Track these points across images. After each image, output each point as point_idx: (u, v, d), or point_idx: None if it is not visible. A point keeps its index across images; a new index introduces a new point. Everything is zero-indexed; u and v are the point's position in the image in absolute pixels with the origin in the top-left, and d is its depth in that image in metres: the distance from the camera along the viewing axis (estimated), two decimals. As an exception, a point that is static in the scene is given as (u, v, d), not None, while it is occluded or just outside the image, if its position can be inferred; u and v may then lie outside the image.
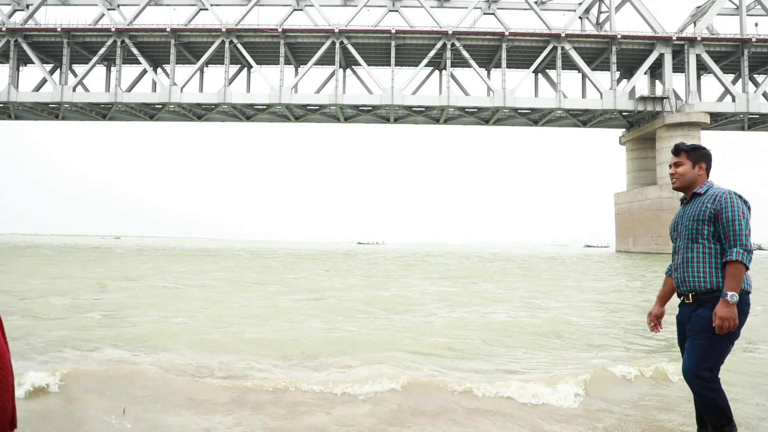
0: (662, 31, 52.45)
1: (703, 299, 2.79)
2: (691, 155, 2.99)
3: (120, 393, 3.95)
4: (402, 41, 53.40)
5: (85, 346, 5.69)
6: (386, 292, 12.22)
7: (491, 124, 60.44)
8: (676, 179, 3.02)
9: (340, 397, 3.96)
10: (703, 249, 2.81)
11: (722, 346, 2.74)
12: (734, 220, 2.74)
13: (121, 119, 62.02)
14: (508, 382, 4.21)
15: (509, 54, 53.80)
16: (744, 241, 2.70)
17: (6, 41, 53.40)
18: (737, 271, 2.69)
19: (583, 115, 57.36)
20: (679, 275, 2.92)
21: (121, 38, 53.35)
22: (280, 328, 7.05)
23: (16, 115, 59.53)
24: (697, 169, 2.97)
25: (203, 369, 4.78)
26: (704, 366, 2.75)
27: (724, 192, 2.82)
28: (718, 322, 2.65)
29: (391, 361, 5.10)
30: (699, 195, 2.92)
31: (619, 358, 5.39)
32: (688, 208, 2.95)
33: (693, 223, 2.85)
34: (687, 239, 2.88)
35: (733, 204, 2.77)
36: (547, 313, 9.12)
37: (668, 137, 52.31)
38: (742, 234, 2.72)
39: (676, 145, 3.06)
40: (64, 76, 54.19)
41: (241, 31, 53.34)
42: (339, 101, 53.48)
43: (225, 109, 57.28)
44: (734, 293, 2.66)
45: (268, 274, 18.61)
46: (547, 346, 6.16)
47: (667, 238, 50.91)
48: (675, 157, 3.04)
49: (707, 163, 3.00)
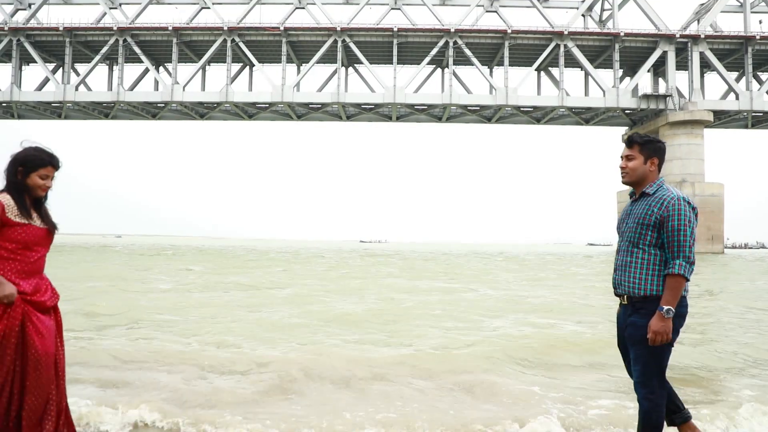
0: (666, 29, 52.25)
1: (638, 305, 2.73)
2: (644, 149, 2.83)
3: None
4: (404, 39, 53.30)
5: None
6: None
7: (493, 123, 60.31)
8: (626, 174, 2.85)
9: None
10: (643, 255, 2.73)
11: (662, 353, 2.72)
12: (680, 230, 2.64)
13: (124, 118, 62.10)
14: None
15: (512, 52, 53.63)
16: (687, 253, 2.63)
17: (8, 40, 53.44)
18: (677, 284, 2.63)
19: (585, 113, 57.20)
20: (617, 277, 2.86)
21: (123, 37, 53.35)
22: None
23: (19, 115, 59.61)
24: (649, 165, 2.82)
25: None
26: (649, 373, 2.73)
27: (673, 197, 2.69)
28: (651, 335, 2.62)
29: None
30: (647, 195, 2.79)
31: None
32: (635, 208, 2.83)
33: (637, 226, 2.75)
34: (629, 242, 2.79)
35: (680, 212, 2.66)
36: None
37: (671, 135, 52.11)
38: (686, 245, 2.64)
39: (630, 136, 2.88)
40: (66, 75, 54.25)
41: (243, 29, 53.29)
42: (341, 100, 53.42)
43: (227, 107, 57.28)
44: (671, 308, 2.61)
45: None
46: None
47: (670, 236, 50.75)
48: (627, 150, 2.87)
49: (660, 158, 2.85)
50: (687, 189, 50.07)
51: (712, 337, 6.98)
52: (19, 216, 2.55)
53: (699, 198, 49.70)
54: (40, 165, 2.60)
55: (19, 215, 2.55)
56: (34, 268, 2.61)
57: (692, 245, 2.65)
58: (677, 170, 51.38)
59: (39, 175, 2.60)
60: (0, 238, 2.51)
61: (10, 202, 2.54)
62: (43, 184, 2.63)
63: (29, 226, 2.57)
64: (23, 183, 2.59)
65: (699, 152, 51.85)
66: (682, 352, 5.48)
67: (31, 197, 2.63)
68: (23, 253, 2.55)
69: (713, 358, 5.67)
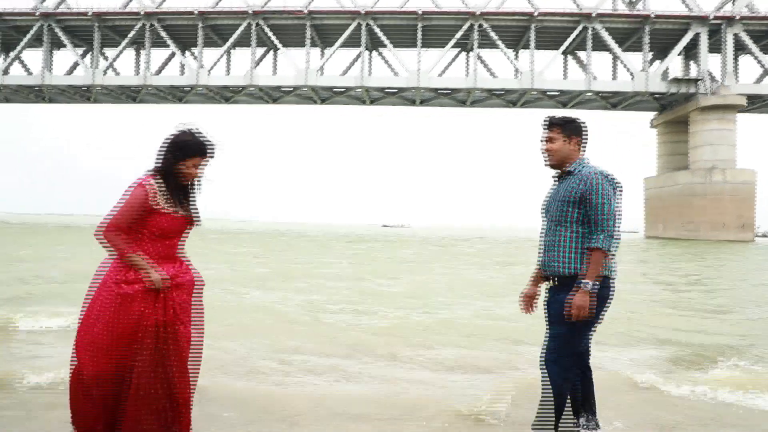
0: (698, 10, 50.70)
1: (566, 284, 2.68)
2: (564, 129, 2.78)
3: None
4: (428, 22, 52.76)
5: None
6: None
7: (518, 107, 59.58)
8: (549, 156, 2.81)
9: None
10: (569, 233, 2.70)
11: (581, 333, 2.69)
12: (601, 204, 2.61)
13: (151, 102, 62.97)
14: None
15: (538, 35, 52.67)
16: (608, 227, 2.59)
17: (40, 25, 54.47)
18: (598, 258, 2.59)
19: (613, 97, 56.07)
20: (544, 258, 2.81)
21: (150, 21, 53.91)
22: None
23: (50, 98, 60.93)
24: (570, 145, 2.77)
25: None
26: (564, 353, 2.69)
27: (593, 172, 2.67)
28: (573, 310, 2.57)
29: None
30: (571, 174, 2.76)
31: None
32: (559, 188, 2.79)
33: (561, 204, 2.72)
34: (554, 222, 2.76)
35: (600, 186, 2.63)
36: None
37: (702, 120, 50.87)
38: (607, 219, 2.60)
39: (548, 117, 2.83)
40: (95, 59, 55.19)
41: (267, 13, 53.36)
42: (365, 83, 53.29)
43: (252, 91, 57.61)
44: (592, 282, 2.57)
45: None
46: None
47: (698, 223, 49.89)
48: (547, 132, 2.81)
49: (581, 137, 2.80)
50: (717, 176, 48.97)
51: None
52: (165, 203, 2.53)
53: (730, 185, 48.58)
54: (190, 154, 2.53)
55: (165, 202, 2.53)
56: (173, 252, 2.61)
57: (613, 220, 2.60)
58: (707, 156, 50.21)
59: (189, 164, 2.54)
60: (141, 224, 2.52)
61: (156, 189, 2.52)
62: (190, 173, 2.56)
63: (172, 215, 2.56)
64: (173, 168, 2.54)
65: (731, 138, 50.56)
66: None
67: (178, 183, 2.59)
68: (161, 240, 2.56)
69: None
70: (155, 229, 2.53)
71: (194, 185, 2.67)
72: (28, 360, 4.33)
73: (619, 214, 2.68)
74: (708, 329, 6.70)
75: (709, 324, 7.12)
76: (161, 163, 2.56)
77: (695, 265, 18.93)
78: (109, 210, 2.50)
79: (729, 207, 48.45)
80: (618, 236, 2.63)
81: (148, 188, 2.50)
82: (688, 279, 13.72)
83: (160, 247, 2.56)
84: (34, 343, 4.94)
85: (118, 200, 2.51)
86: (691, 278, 13.95)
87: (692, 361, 4.89)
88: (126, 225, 2.49)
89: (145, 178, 2.55)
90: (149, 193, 2.50)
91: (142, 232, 2.53)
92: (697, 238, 49.02)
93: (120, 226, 2.47)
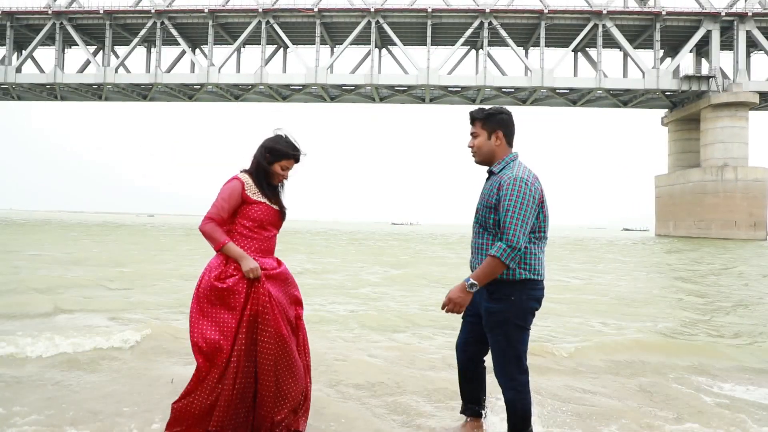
0: (710, 7, 50.34)
1: (491, 290, 2.59)
2: (486, 124, 2.66)
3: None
4: (438, 20, 52.71)
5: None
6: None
7: (528, 105, 59.39)
8: (474, 153, 2.71)
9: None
10: (491, 237, 2.61)
11: (516, 337, 2.59)
12: (506, 212, 2.47)
13: (161, 100, 63.35)
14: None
15: (548, 32, 52.50)
16: (510, 236, 2.44)
17: (52, 24, 54.92)
18: (491, 266, 2.47)
19: (624, 95, 55.80)
20: (472, 259, 2.74)
21: (161, 20, 54.22)
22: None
23: (62, 96, 61.43)
24: (493, 140, 2.65)
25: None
26: (505, 361, 2.62)
27: (509, 177, 2.53)
28: (446, 300, 2.54)
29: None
30: (494, 174, 2.65)
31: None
32: (484, 189, 2.69)
33: (483, 208, 2.64)
34: (479, 224, 2.69)
35: (511, 193, 2.48)
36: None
37: (714, 118, 50.53)
38: (511, 228, 2.45)
39: (470, 112, 2.72)
40: (106, 57, 55.58)
41: (277, 11, 53.52)
42: (374, 81, 53.33)
43: (261, 89, 57.81)
44: (475, 283, 2.48)
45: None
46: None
47: (710, 222, 49.62)
48: (471, 127, 2.72)
49: (504, 130, 2.65)
50: (729, 174, 48.63)
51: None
52: (257, 194, 2.72)
53: (742, 183, 48.23)
54: (284, 156, 2.74)
55: (257, 194, 2.72)
56: (269, 246, 2.77)
57: (520, 229, 2.45)
58: (719, 154, 49.88)
59: (281, 165, 2.76)
60: (239, 216, 2.70)
61: (249, 181, 2.72)
62: (281, 174, 2.78)
63: (265, 205, 2.73)
64: (267, 168, 2.75)
65: (743, 135, 50.20)
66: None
67: (270, 182, 2.79)
68: (259, 231, 2.72)
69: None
70: (252, 219, 2.70)
71: (283, 185, 2.88)
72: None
73: (545, 216, 2.59)
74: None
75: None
76: (256, 162, 2.77)
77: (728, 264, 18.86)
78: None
79: (741, 205, 48.12)
80: (522, 249, 2.47)
81: (243, 179, 2.72)
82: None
83: (257, 241, 2.72)
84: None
85: (216, 198, 2.69)
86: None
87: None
88: (222, 217, 2.66)
89: (237, 174, 2.77)
90: (245, 183, 2.71)
91: (239, 224, 2.70)
92: (708, 236, 48.72)
93: (215, 218, 2.65)
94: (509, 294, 2.55)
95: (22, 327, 5.30)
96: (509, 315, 2.56)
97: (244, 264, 2.60)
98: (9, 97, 62.61)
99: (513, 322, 2.57)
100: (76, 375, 3.82)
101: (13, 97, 62.09)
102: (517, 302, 2.56)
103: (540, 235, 2.60)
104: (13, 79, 55.77)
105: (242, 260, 2.61)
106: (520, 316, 2.57)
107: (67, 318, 5.97)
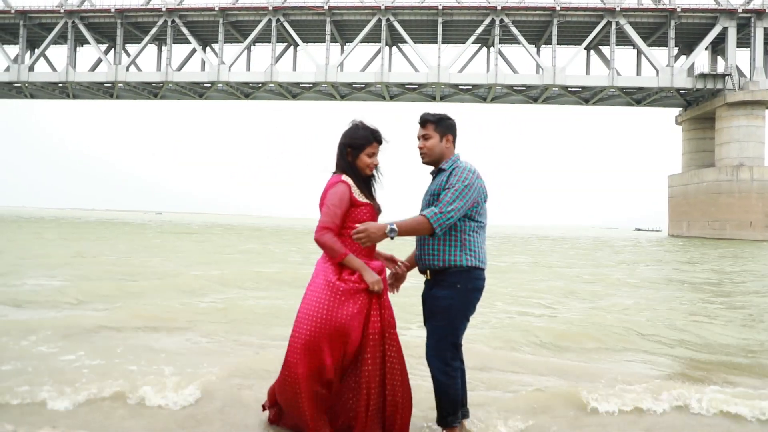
0: (726, 3, 49.53)
1: (439, 278, 2.72)
2: (438, 127, 2.80)
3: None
4: (449, 18, 52.35)
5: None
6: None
7: (540, 103, 58.86)
8: (424, 154, 2.82)
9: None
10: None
11: (458, 323, 2.72)
12: (449, 188, 2.63)
13: (172, 98, 63.62)
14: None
15: (560, 30, 51.94)
16: (444, 204, 2.60)
17: (64, 23, 55.28)
18: (416, 221, 2.58)
19: (637, 93, 55.12)
20: (417, 252, 2.83)
21: (171, 18, 54.37)
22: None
23: (74, 95, 61.86)
24: (444, 142, 2.81)
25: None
26: (443, 346, 2.71)
27: (460, 167, 2.71)
28: (362, 228, 2.50)
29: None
30: (443, 171, 2.78)
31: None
32: (432, 184, 2.82)
33: (431, 198, 2.74)
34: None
35: (459, 176, 2.66)
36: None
37: (729, 117, 49.74)
38: (449, 199, 2.60)
39: (422, 115, 2.84)
40: (118, 56, 55.88)
41: (287, 8, 53.45)
42: (385, 79, 53.12)
43: (272, 87, 57.81)
44: (395, 228, 2.52)
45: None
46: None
47: (724, 222, 48.89)
48: (422, 130, 2.82)
49: (453, 134, 2.84)
50: (745, 173, 47.87)
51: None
52: (361, 196, 2.60)
53: (757, 183, 47.45)
54: (365, 144, 2.61)
55: (361, 195, 2.60)
56: (373, 248, 2.67)
57: (456, 203, 2.60)
58: (734, 153, 49.12)
59: (366, 154, 2.62)
60: (348, 220, 2.56)
61: (352, 183, 2.59)
62: (370, 162, 2.64)
63: (370, 205, 2.62)
64: (354, 164, 2.62)
65: (759, 135, 49.40)
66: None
67: (362, 177, 2.65)
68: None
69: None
70: (359, 222, 2.56)
71: (375, 176, 2.75)
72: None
73: (485, 211, 2.77)
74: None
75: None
76: (342, 162, 2.62)
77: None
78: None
79: (756, 205, 47.34)
80: (450, 220, 2.60)
81: (348, 182, 2.58)
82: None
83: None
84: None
85: (323, 207, 2.56)
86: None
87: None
88: (336, 224, 2.53)
89: (337, 176, 2.61)
90: (351, 185, 2.58)
91: (349, 228, 2.56)
92: (722, 237, 47.99)
93: (331, 227, 2.52)
94: (455, 282, 2.67)
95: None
96: (454, 302, 2.68)
97: (367, 276, 2.51)
98: (22, 96, 63.21)
99: (457, 308, 2.69)
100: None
101: (26, 95, 62.66)
102: (462, 290, 2.68)
103: (483, 224, 2.78)
104: (26, 78, 56.27)
105: (364, 272, 2.52)
106: (465, 304, 2.71)
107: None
